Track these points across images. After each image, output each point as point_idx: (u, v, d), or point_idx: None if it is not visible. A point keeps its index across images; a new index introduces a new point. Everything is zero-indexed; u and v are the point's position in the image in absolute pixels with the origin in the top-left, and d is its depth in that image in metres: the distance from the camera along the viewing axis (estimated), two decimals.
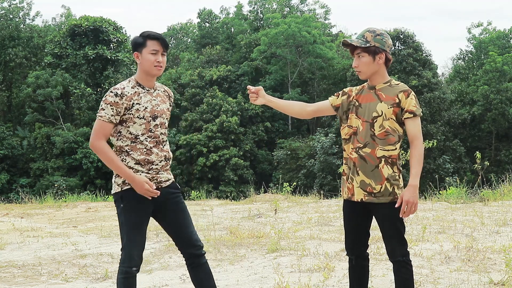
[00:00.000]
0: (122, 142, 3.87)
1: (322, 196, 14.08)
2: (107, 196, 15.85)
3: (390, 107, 3.79)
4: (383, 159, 3.79)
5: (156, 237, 7.92)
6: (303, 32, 42.89)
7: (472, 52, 47.41)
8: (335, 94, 4.09)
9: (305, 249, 6.56)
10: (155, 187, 3.84)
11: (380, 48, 3.82)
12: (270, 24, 46.97)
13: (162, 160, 3.92)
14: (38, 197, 15.79)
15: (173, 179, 4.03)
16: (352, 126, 3.90)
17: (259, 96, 4.09)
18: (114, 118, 3.79)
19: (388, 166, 3.79)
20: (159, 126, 3.91)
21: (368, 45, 3.82)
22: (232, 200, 16.16)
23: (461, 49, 50.55)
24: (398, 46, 39.67)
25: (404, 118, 3.79)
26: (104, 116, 3.78)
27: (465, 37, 69.96)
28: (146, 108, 3.86)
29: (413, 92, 3.83)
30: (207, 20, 53.71)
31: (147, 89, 3.91)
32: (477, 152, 11.49)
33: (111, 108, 3.77)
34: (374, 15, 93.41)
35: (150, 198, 3.84)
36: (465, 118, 39.15)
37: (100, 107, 3.81)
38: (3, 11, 42.93)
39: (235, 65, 46.30)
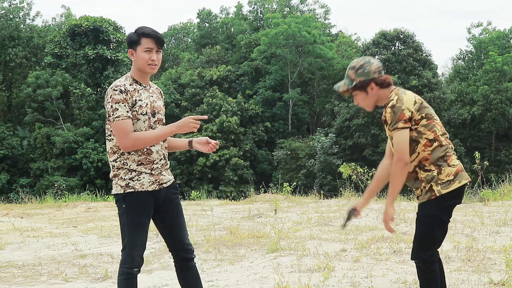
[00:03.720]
0: None
1: (322, 196, 14.10)
2: (107, 196, 15.84)
3: (387, 126, 3.83)
4: (417, 168, 3.81)
5: (156, 237, 7.91)
6: (303, 32, 42.88)
7: (472, 52, 47.41)
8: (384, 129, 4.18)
9: (305, 249, 6.56)
10: (157, 189, 3.82)
11: (366, 81, 3.80)
12: (270, 24, 46.95)
13: (162, 159, 3.88)
14: (38, 197, 15.80)
15: (173, 179, 3.99)
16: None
17: (361, 211, 4.15)
18: (130, 114, 3.72)
19: (422, 170, 3.80)
20: (158, 122, 3.86)
21: (354, 84, 3.82)
22: (232, 200, 16.15)
23: (461, 49, 50.68)
24: (398, 46, 39.67)
25: None
26: (121, 115, 3.68)
27: (465, 37, 70.05)
28: (147, 104, 3.80)
29: (390, 104, 3.74)
30: (207, 20, 53.69)
31: (144, 85, 3.87)
32: (477, 152, 11.50)
33: (123, 105, 3.69)
34: (374, 15, 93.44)
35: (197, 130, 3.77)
36: (465, 118, 39.14)
37: (111, 110, 3.69)
38: (3, 11, 42.93)
39: (235, 65, 46.29)
